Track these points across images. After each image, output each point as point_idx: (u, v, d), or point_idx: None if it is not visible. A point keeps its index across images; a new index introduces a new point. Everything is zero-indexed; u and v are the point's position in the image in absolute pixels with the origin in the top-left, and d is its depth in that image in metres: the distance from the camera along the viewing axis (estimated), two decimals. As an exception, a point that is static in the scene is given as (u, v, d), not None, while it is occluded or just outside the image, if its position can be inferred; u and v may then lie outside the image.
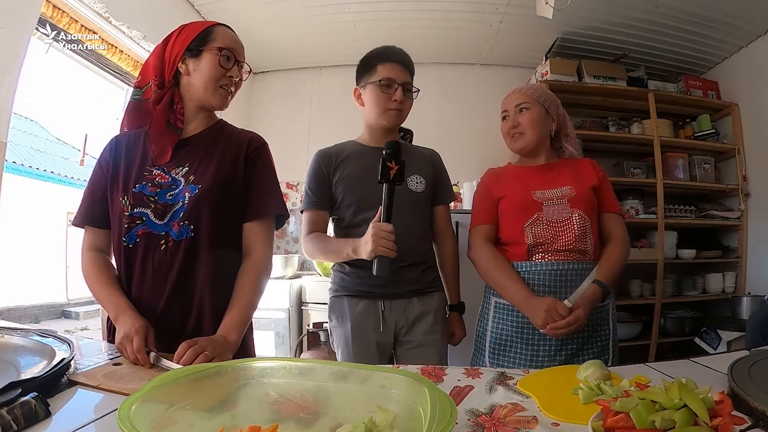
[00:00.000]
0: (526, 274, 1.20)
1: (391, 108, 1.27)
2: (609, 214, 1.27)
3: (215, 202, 0.97)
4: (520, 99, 1.27)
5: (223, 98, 1.02)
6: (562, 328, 1.09)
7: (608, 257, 1.21)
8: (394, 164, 1.04)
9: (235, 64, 1.01)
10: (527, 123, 1.26)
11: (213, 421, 0.52)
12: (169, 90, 1.01)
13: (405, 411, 0.52)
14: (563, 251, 1.19)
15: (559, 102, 1.33)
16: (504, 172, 1.35)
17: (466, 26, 3.11)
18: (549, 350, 1.17)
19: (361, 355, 1.25)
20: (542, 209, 1.21)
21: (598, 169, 1.31)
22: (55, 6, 2.12)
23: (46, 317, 5.23)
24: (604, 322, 1.22)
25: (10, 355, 0.76)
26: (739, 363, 0.71)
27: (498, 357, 1.22)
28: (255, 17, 2.99)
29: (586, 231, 1.20)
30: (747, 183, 3.05)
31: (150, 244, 0.95)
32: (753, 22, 2.77)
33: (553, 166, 1.30)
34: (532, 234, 1.20)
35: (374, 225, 1.07)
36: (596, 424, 0.54)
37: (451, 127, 3.55)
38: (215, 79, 0.99)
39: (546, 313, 1.10)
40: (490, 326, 1.26)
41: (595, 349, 1.20)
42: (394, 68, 1.28)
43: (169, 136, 1.00)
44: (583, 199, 1.22)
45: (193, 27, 1.01)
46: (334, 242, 1.26)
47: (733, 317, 2.85)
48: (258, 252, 1.01)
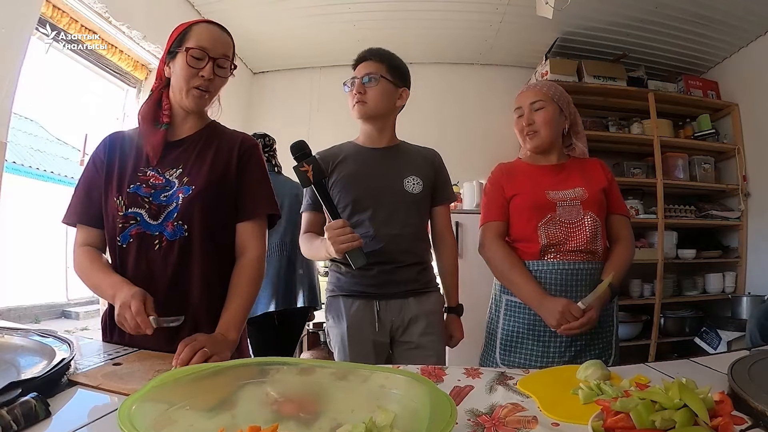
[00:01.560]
0: (538, 273, 1.22)
1: (354, 102, 1.30)
2: (616, 216, 1.29)
3: (208, 202, 0.97)
4: (535, 97, 1.27)
5: (197, 99, 0.98)
6: (575, 328, 1.12)
7: (617, 258, 1.23)
8: (306, 165, 1.03)
9: (209, 62, 0.97)
10: (542, 122, 1.25)
11: (213, 421, 0.52)
12: (158, 91, 1.02)
13: (405, 411, 0.52)
14: (575, 252, 1.21)
15: (571, 99, 1.33)
16: (515, 168, 1.35)
17: (467, 26, 3.11)
18: (559, 347, 1.19)
19: (357, 355, 1.25)
20: (556, 210, 1.23)
21: (607, 171, 1.32)
22: (55, 6, 2.12)
23: (46, 317, 5.22)
24: (609, 320, 1.25)
25: (10, 355, 0.76)
26: (739, 363, 0.71)
27: (509, 353, 1.24)
28: (255, 17, 2.99)
29: (597, 233, 1.22)
30: (747, 183, 3.05)
31: (144, 244, 0.95)
32: (753, 22, 2.77)
33: (564, 167, 1.30)
34: (546, 234, 1.22)
35: (326, 228, 1.08)
36: (596, 424, 0.54)
37: (451, 127, 3.55)
38: (186, 80, 0.97)
39: (561, 314, 1.12)
40: (501, 323, 1.27)
41: (600, 345, 1.23)
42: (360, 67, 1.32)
43: (155, 134, 1.00)
44: (595, 201, 1.24)
45: (177, 28, 1.01)
46: (315, 242, 1.27)
47: (733, 317, 2.85)
48: (252, 251, 1.02)
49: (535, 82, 1.33)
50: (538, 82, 1.34)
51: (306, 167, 1.03)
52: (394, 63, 1.34)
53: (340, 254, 1.07)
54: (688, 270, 3.21)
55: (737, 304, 2.88)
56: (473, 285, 1.59)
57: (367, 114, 1.31)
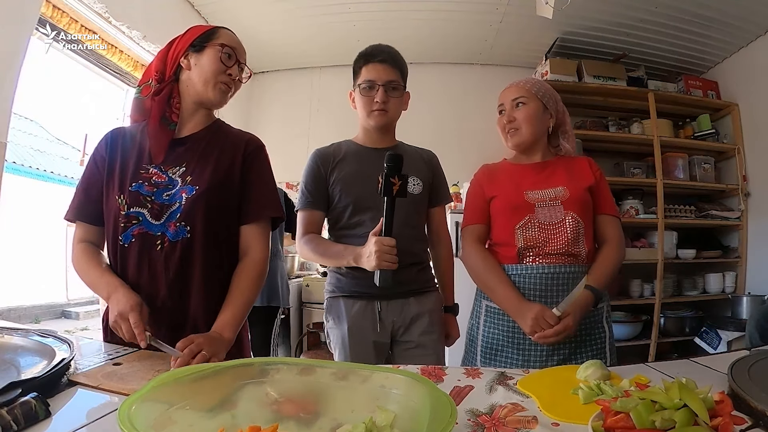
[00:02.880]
0: (517, 277, 1.17)
1: (374, 109, 1.27)
2: (604, 216, 1.23)
3: (212, 203, 0.97)
4: (517, 93, 1.23)
5: (222, 94, 1.01)
6: (550, 336, 1.06)
7: (602, 261, 1.17)
8: (397, 179, 1.04)
9: (236, 63, 1.02)
10: (523, 118, 1.21)
11: (213, 421, 0.52)
12: (168, 85, 1.01)
13: (405, 411, 0.52)
14: (555, 254, 1.15)
15: (559, 98, 1.29)
16: (498, 169, 1.32)
17: (466, 26, 3.11)
18: (540, 355, 1.14)
19: (358, 356, 1.25)
20: (534, 211, 1.18)
21: (595, 168, 1.26)
22: (55, 6, 2.12)
23: (46, 317, 5.22)
24: (598, 326, 1.19)
25: (10, 355, 0.76)
26: (739, 363, 0.71)
27: (490, 361, 1.20)
28: (255, 17, 2.99)
29: (578, 234, 1.16)
30: (747, 183, 3.06)
31: (146, 244, 0.94)
32: (753, 22, 2.77)
33: (547, 165, 1.25)
34: (523, 237, 1.17)
35: (377, 240, 1.06)
36: (596, 424, 0.54)
37: (451, 127, 3.55)
38: (215, 74, 0.99)
39: (534, 321, 1.07)
40: (481, 330, 1.24)
41: (590, 352, 1.15)
42: (375, 69, 1.28)
43: (164, 133, 1.00)
44: (577, 200, 1.18)
45: (199, 27, 1.03)
46: (333, 247, 1.26)
47: (733, 317, 2.86)
48: (255, 253, 1.01)
49: (519, 79, 1.29)
50: (522, 79, 1.31)
51: (396, 181, 1.04)
52: (405, 69, 1.33)
53: (376, 269, 1.07)
54: (688, 270, 3.21)
55: (737, 304, 2.88)
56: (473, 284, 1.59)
57: (387, 123, 1.32)
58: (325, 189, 1.31)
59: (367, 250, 1.09)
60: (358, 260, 1.13)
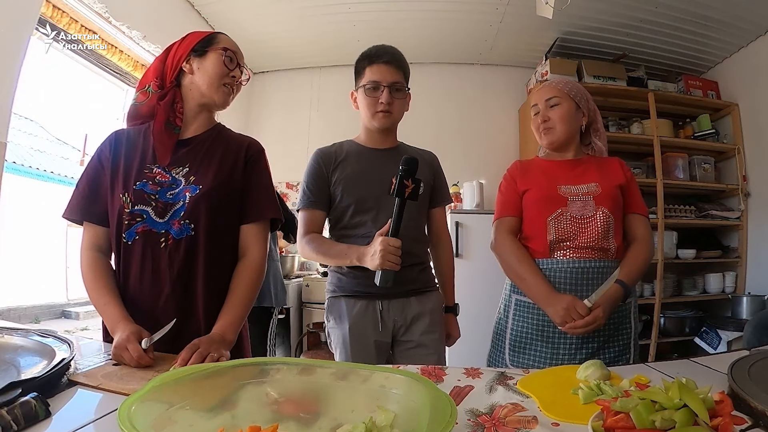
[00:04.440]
0: (548, 271, 1.20)
1: (379, 110, 1.28)
2: (634, 215, 1.26)
3: (215, 202, 0.99)
4: (551, 93, 1.27)
5: (226, 96, 1.04)
6: (580, 327, 1.09)
7: (632, 258, 1.20)
8: (410, 182, 1.05)
9: (238, 66, 1.05)
10: (557, 118, 1.25)
11: (213, 421, 0.52)
12: (171, 89, 1.03)
13: (405, 411, 0.52)
14: (585, 248, 1.18)
15: (590, 97, 1.32)
16: (531, 164, 1.35)
17: (466, 26, 3.11)
18: (569, 348, 1.16)
19: (359, 356, 1.25)
20: (567, 204, 1.21)
21: (626, 169, 1.29)
22: (55, 6, 2.12)
23: (46, 317, 5.22)
24: (626, 321, 1.22)
25: (10, 355, 0.76)
26: (739, 363, 0.71)
27: (518, 355, 1.22)
28: (255, 17, 2.99)
29: (609, 229, 1.19)
30: (747, 183, 3.06)
31: (149, 242, 0.95)
32: (753, 22, 2.77)
33: (580, 162, 1.29)
34: (555, 229, 1.20)
35: (383, 240, 1.07)
36: (596, 424, 0.54)
37: (451, 127, 3.55)
38: (219, 77, 1.02)
39: (565, 311, 1.10)
40: (510, 324, 1.26)
41: (617, 347, 1.19)
42: (379, 69, 1.27)
43: (168, 136, 1.01)
44: (608, 196, 1.21)
45: (198, 33, 1.06)
46: (336, 247, 1.26)
47: (733, 317, 2.86)
48: (254, 253, 1.04)
49: (553, 80, 1.32)
50: (555, 79, 1.33)
51: (409, 184, 1.06)
52: (408, 70, 1.34)
53: (379, 268, 1.07)
54: (688, 270, 3.21)
55: (737, 304, 2.88)
56: (472, 285, 1.59)
57: (391, 125, 1.32)
58: (327, 189, 1.31)
59: (372, 248, 1.10)
60: (362, 259, 1.14)
